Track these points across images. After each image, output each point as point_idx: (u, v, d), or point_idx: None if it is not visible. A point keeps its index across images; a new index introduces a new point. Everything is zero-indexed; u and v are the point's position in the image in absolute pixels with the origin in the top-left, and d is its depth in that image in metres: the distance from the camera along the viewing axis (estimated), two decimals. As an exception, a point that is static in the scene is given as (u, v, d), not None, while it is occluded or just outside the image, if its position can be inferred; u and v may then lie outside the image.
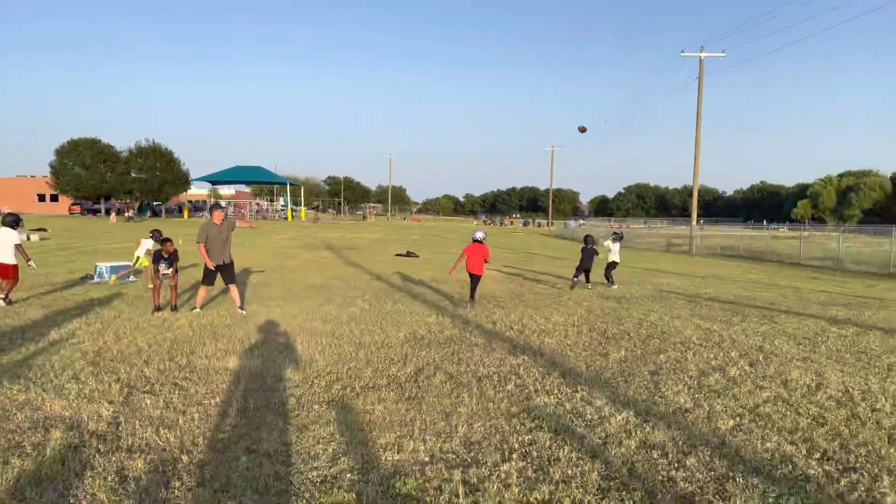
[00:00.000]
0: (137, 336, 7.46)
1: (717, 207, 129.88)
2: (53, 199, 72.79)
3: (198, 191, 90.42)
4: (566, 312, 10.11)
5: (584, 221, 73.26)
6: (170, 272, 9.46)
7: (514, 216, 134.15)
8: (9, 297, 9.53)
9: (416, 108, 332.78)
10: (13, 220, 9.80)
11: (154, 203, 63.69)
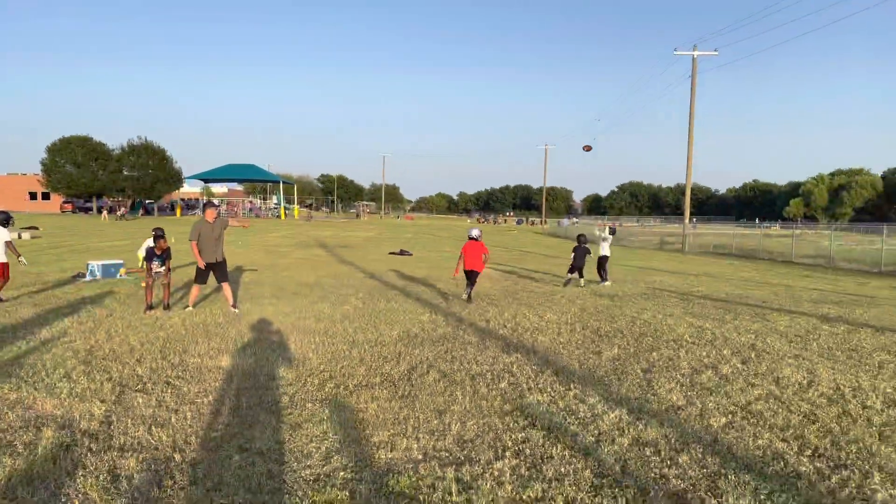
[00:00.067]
0: (129, 334, 7.42)
1: (710, 206, 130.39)
2: (45, 198, 72.39)
3: (190, 189, 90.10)
4: (559, 310, 10.13)
5: (578, 220, 73.37)
6: (162, 270, 9.43)
7: (508, 214, 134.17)
8: (-1, 296, 9.48)
9: (410, 107, 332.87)
10: (3, 218, 9.74)
11: (146, 201, 63.38)
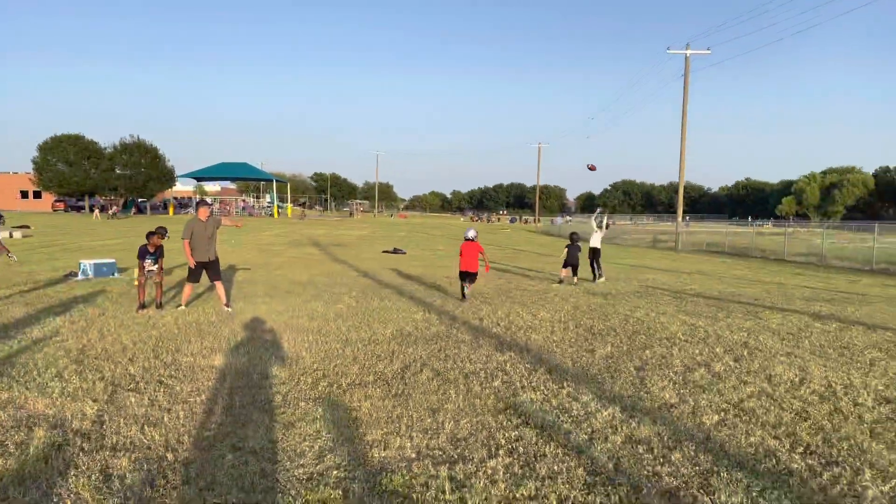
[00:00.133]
0: (122, 334, 7.39)
1: (703, 204, 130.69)
2: (37, 196, 71.97)
3: (183, 187, 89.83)
4: (553, 309, 10.15)
5: (571, 218, 73.48)
6: (155, 269, 9.37)
7: (501, 213, 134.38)
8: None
9: (404, 105, 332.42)
10: None
11: (139, 200, 63.08)
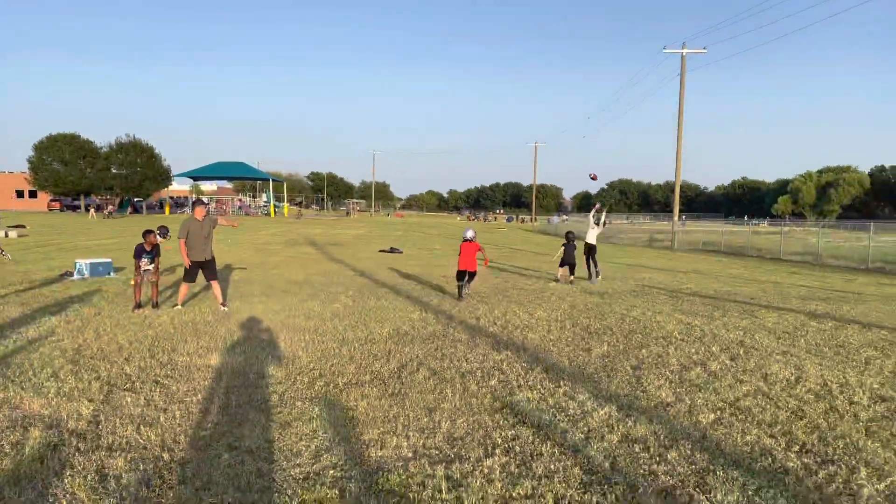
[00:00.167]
0: (118, 333, 7.37)
1: (699, 203, 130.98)
2: (32, 196, 71.71)
3: (179, 187, 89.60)
4: (549, 308, 10.15)
5: (567, 217, 73.59)
6: (151, 268, 9.34)
7: (498, 212, 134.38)
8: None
9: (401, 105, 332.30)
10: None
11: (135, 199, 62.91)
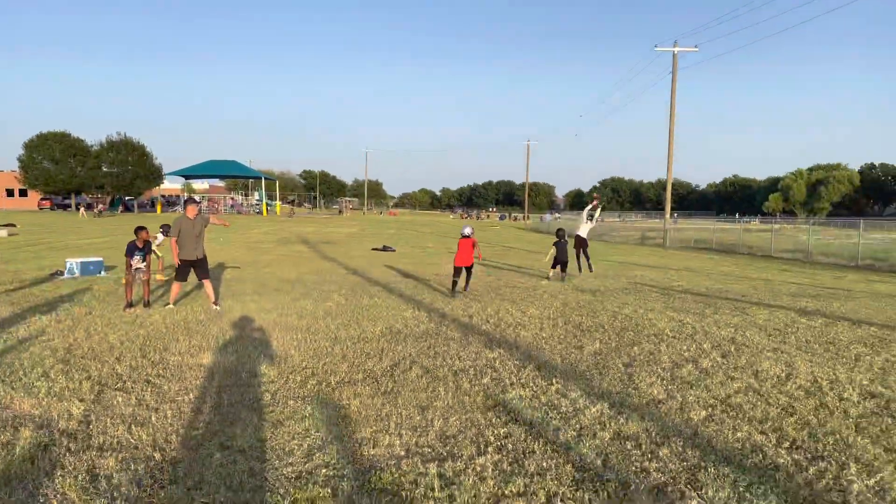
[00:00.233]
0: (109, 333, 7.33)
1: (691, 201, 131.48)
2: (22, 194, 71.21)
3: (171, 185, 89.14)
4: (542, 305, 10.17)
5: (560, 215, 73.68)
6: (143, 266, 9.29)
7: (491, 210, 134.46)
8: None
9: (393, 103, 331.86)
10: None
11: (126, 198, 62.55)
